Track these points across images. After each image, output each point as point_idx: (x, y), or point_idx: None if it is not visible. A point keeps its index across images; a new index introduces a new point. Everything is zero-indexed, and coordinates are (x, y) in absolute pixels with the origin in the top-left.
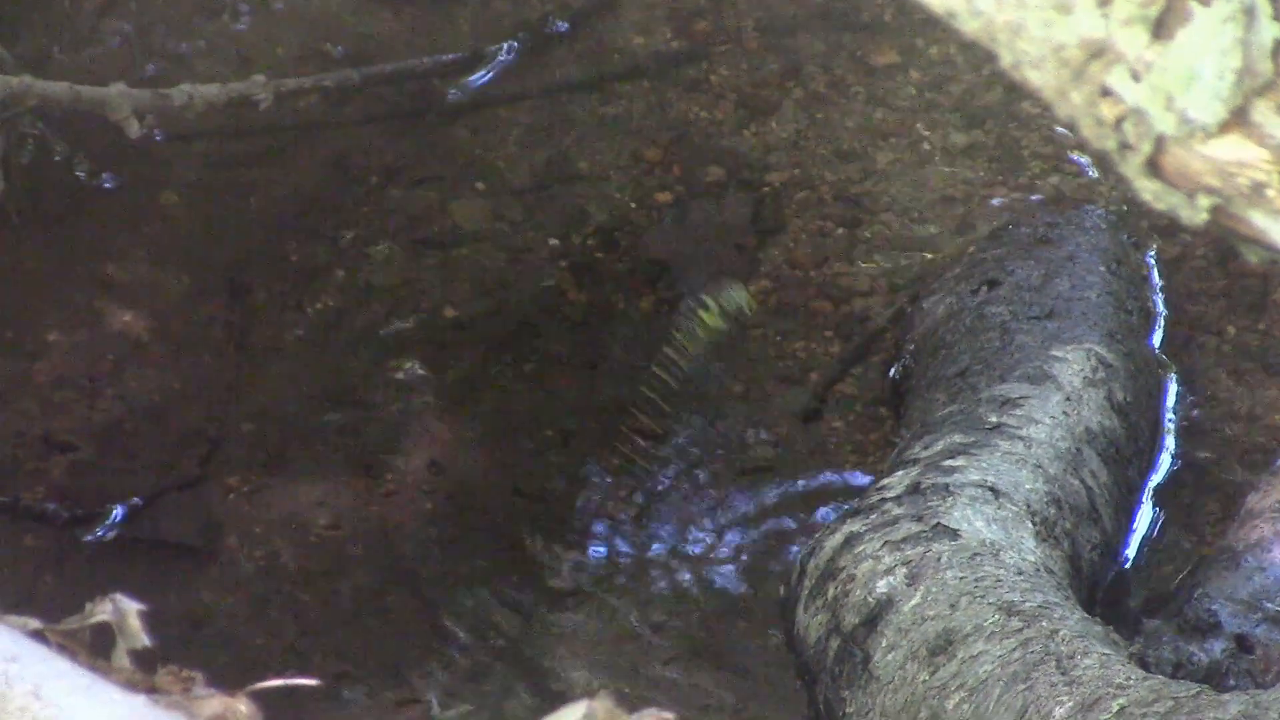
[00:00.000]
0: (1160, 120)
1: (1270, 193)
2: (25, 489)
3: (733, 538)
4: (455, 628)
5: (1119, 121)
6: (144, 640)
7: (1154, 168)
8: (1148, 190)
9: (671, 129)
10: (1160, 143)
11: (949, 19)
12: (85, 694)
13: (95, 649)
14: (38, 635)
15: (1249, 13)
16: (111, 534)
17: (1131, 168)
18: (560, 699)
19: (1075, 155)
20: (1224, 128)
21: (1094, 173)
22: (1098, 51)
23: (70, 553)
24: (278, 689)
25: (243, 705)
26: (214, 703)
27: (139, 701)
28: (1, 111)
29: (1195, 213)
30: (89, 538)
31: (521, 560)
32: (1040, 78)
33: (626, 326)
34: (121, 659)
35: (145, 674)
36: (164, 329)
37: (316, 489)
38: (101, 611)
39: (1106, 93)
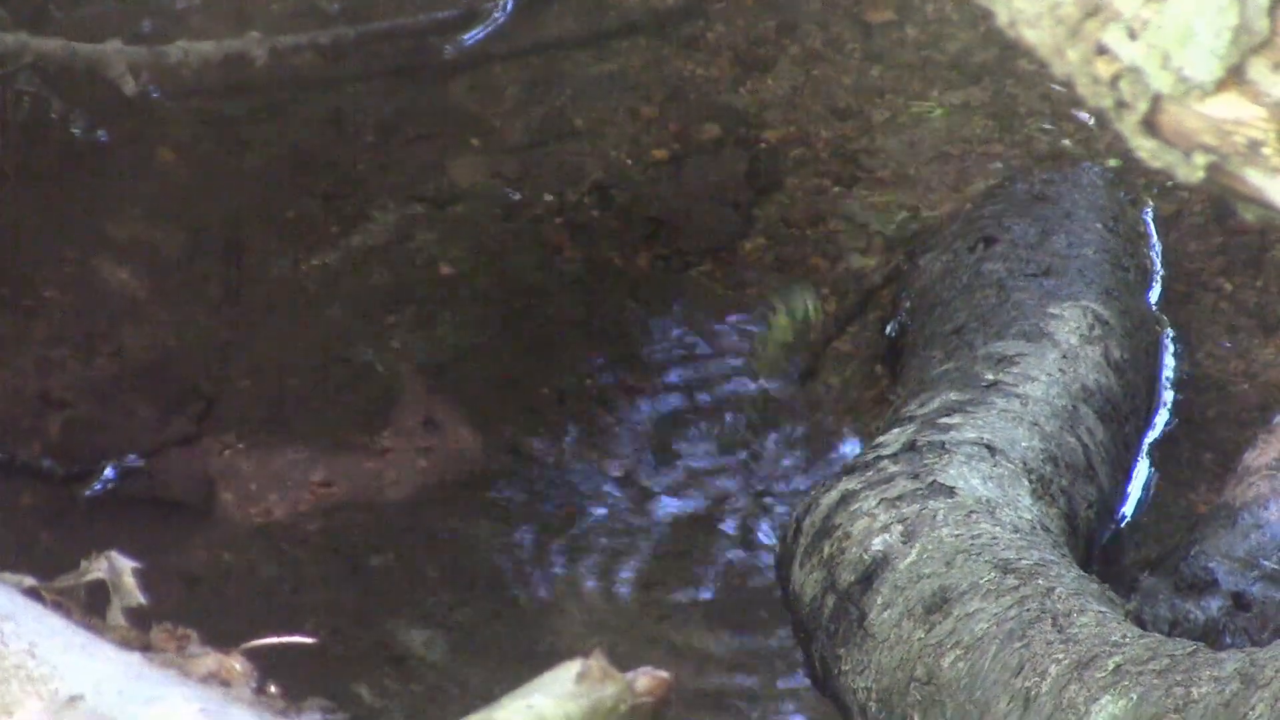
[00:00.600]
0: (1157, 78)
1: (1266, 151)
2: (22, 446)
3: (728, 495)
4: (450, 585)
5: (1115, 79)
6: (139, 598)
7: (1150, 126)
8: (1144, 148)
9: (668, 86)
10: (1156, 101)
11: None
12: (80, 652)
13: (90, 607)
14: (32, 593)
15: None
16: (108, 491)
17: (1128, 126)
18: (555, 657)
19: (1072, 112)
20: (1220, 86)
21: (1091, 130)
22: (1094, 9)
23: (66, 510)
24: (272, 647)
25: (237, 663)
26: (208, 660)
27: (134, 659)
28: None
29: (1191, 171)
30: (85, 495)
31: (517, 518)
32: (1036, 35)
33: (622, 284)
34: (116, 617)
35: (140, 632)
36: (160, 286)
37: (312, 446)
38: (96, 569)
39: (1103, 51)
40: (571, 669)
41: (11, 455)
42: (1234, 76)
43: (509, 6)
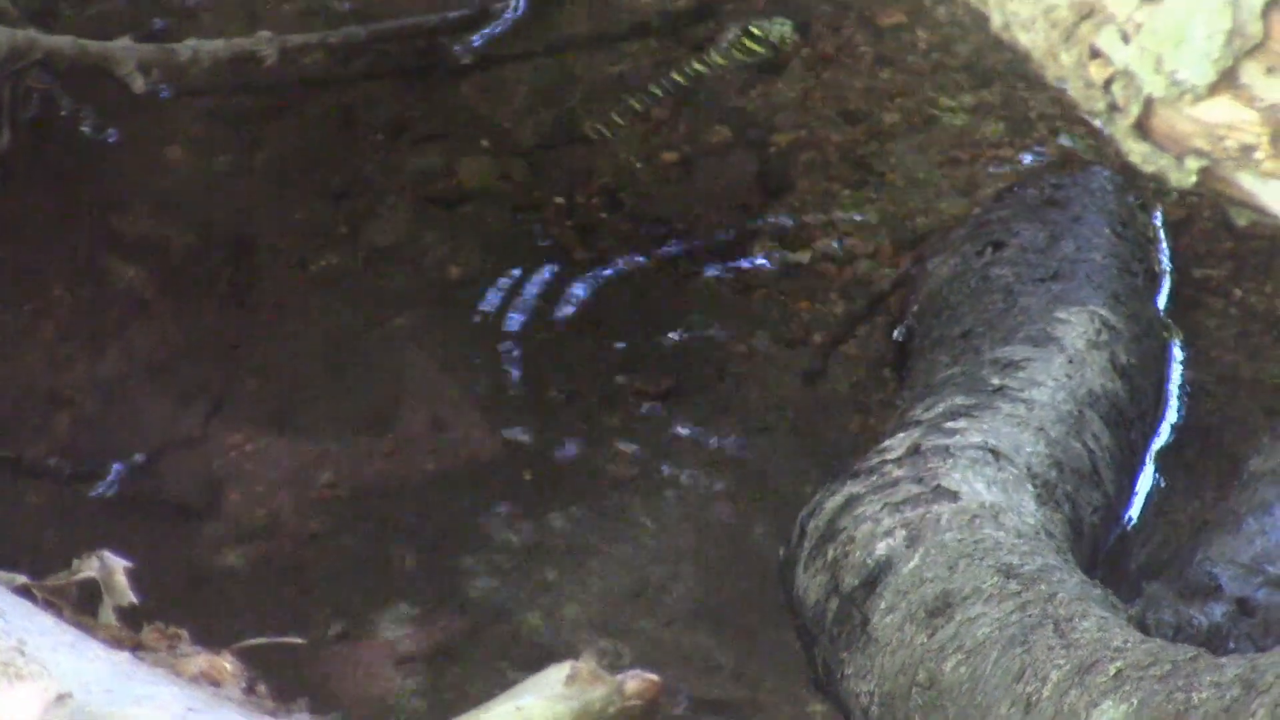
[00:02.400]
0: (1149, 82)
1: (1259, 155)
2: (28, 444)
3: (733, 498)
4: (454, 587)
5: (1108, 83)
6: (130, 597)
7: (1143, 130)
8: (1136, 152)
9: (678, 88)
10: (1149, 104)
11: None
12: (69, 650)
13: (81, 605)
14: (24, 591)
15: None
16: (114, 491)
17: (1120, 130)
18: (554, 659)
19: (1083, 116)
20: (1213, 89)
21: (1101, 134)
22: (1088, 12)
23: (72, 509)
24: (268, 646)
25: (228, 663)
26: (199, 660)
27: (123, 658)
28: (7, 65)
29: (1184, 175)
30: (91, 494)
31: (523, 520)
32: (1030, 39)
33: (631, 286)
34: (108, 615)
35: (131, 631)
36: (168, 285)
37: (318, 447)
38: (88, 568)
39: (1096, 54)
40: (561, 671)
41: (19, 454)
42: (1227, 80)
43: (520, 6)
